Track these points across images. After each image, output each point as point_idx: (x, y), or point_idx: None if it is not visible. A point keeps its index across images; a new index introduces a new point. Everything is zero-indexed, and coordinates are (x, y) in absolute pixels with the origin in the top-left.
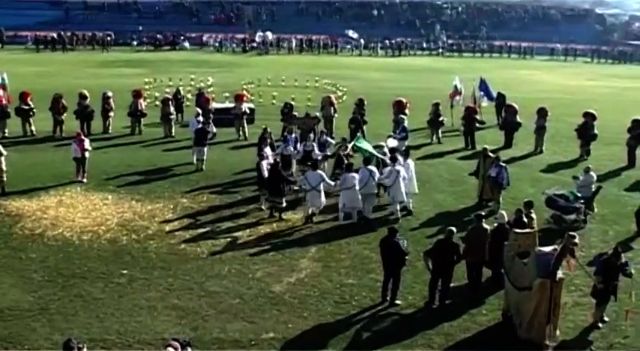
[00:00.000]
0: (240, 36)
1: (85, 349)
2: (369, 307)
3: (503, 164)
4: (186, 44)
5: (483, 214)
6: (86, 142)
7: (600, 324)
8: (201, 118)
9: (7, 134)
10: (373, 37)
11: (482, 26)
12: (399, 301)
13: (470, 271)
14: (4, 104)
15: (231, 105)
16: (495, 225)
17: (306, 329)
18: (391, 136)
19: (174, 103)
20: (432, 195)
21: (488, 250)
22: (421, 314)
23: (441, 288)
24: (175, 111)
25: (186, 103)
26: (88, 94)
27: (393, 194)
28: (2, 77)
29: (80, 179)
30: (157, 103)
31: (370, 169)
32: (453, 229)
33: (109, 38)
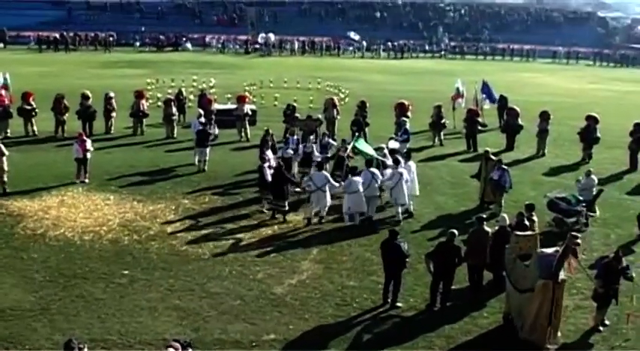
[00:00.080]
0: (242, 37)
1: (85, 350)
2: (370, 309)
3: (505, 167)
4: (189, 45)
5: (485, 216)
6: (88, 143)
7: (601, 327)
8: (203, 119)
9: (9, 134)
10: (376, 40)
11: (484, 29)
12: (400, 304)
13: (471, 274)
14: (7, 104)
15: (233, 106)
16: (497, 228)
17: (307, 331)
18: (393, 138)
19: (176, 104)
20: (434, 197)
21: (489, 253)
22: (422, 317)
23: (442, 290)
24: (177, 112)
25: (188, 104)
26: (90, 95)
27: (395, 196)
28: (5, 77)
29: (81, 180)
30: (159, 103)
31: (372, 171)
32: (455, 232)
33: (111, 39)
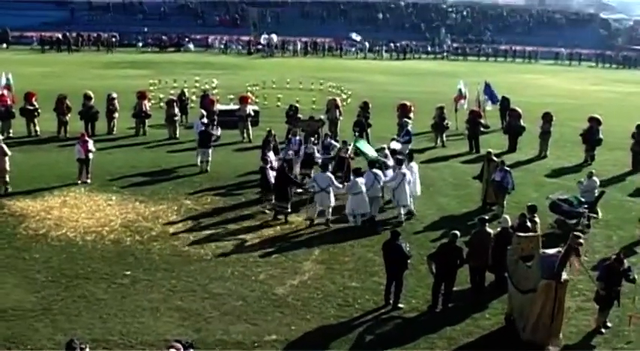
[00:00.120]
0: (245, 38)
1: (87, 350)
2: (372, 310)
3: (507, 168)
4: (191, 46)
5: (487, 218)
6: (90, 144)
7: (603, 329)
8: (205, 120)
9: (11, 134)
10: (378, 40)
11: (487, 30)
12: (401, 305)
13: (473, 276)
14: (9, 104)
15: (235, 107)
16: (499, 229)
17: (308, 331)
18: (395, 139)
19: (178, 104)
20: (436, 199)
21: (491, 255)
22: (424, 318)
23: (444, 292)
24: (180, 112)
25: (190, 105)
26: (92, 95)
27: (398, 197)
28: (7, 78)
29: (83, 180)
30: (161, 104)
31: (375, 172)
32: (457, 233)
33: (114, 39)
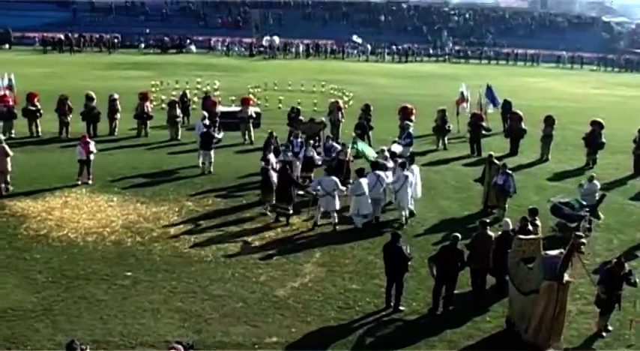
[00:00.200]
0: (247, 40)
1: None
2: (372, 312)
3: (509, 172)
4: (193, 47)
5: (488, 221)
6: (91, 145)
7: (604, 333)
8: (207, 122)
9: (13, 135)
10: (380, 43)
11: (488, 33)
12: (402, 307)
13: (474, 278)
14: (11, 105)
15: (237, 108)
16: (500, 232)
17: (309, 334)
18: (396, 142)
19: (180, 105)
20: (437, 201)
21: (492, 258)
22: (425, 320)
23: (445, 294)
24: (182, 114)
25: (192, 106)
26: (94, 96)
27: (400, 199)
28: (9, 78)
29: (83, 181)
30: (163, 105)
31: (378, 174)
32: (458, 236)
33: (115, 40)
